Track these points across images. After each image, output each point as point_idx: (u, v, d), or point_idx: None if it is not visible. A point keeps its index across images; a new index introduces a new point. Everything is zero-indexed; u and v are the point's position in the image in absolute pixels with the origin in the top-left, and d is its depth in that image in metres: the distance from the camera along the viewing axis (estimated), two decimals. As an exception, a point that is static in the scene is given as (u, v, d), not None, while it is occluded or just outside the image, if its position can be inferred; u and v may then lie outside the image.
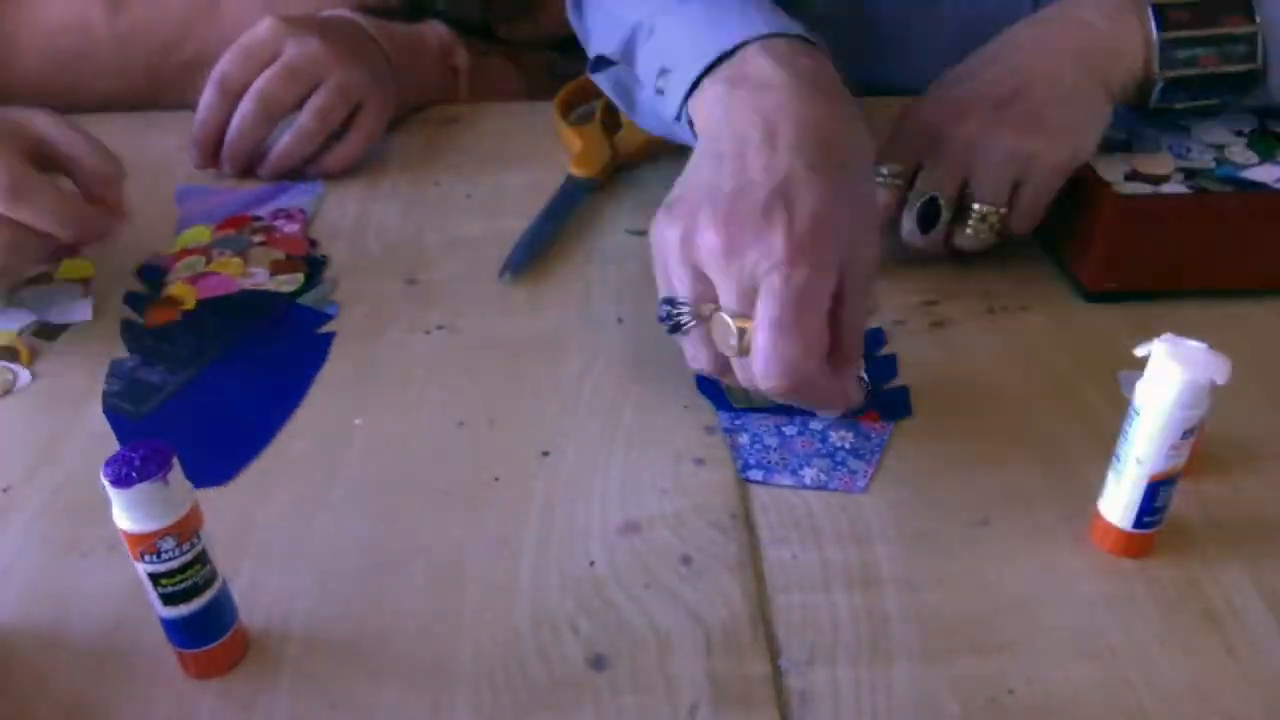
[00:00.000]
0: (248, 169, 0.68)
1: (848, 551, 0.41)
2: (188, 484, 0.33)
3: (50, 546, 0.42)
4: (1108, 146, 0.57)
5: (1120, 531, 0.40)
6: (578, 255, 0.60)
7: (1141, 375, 0.38)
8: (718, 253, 0.41)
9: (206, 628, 0.36)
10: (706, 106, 0.48)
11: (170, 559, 0.33)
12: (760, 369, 0.41)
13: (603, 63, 0.59)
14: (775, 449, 0.46)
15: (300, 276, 0.59)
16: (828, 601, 0.39)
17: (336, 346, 0.53)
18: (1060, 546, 0.41)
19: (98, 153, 0.54)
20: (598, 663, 0.37)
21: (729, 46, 0.48)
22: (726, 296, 0.42)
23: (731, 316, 0.42)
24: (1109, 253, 0.54)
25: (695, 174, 0.45)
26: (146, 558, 0.33)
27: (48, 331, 0.54)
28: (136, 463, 0.32)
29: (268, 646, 0.38)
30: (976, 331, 0.54)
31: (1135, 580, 0.40)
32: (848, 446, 0.46)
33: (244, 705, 0.36)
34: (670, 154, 0.71)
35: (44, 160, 0.52)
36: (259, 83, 0.66)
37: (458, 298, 0.57)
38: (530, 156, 0.71)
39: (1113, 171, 0.55)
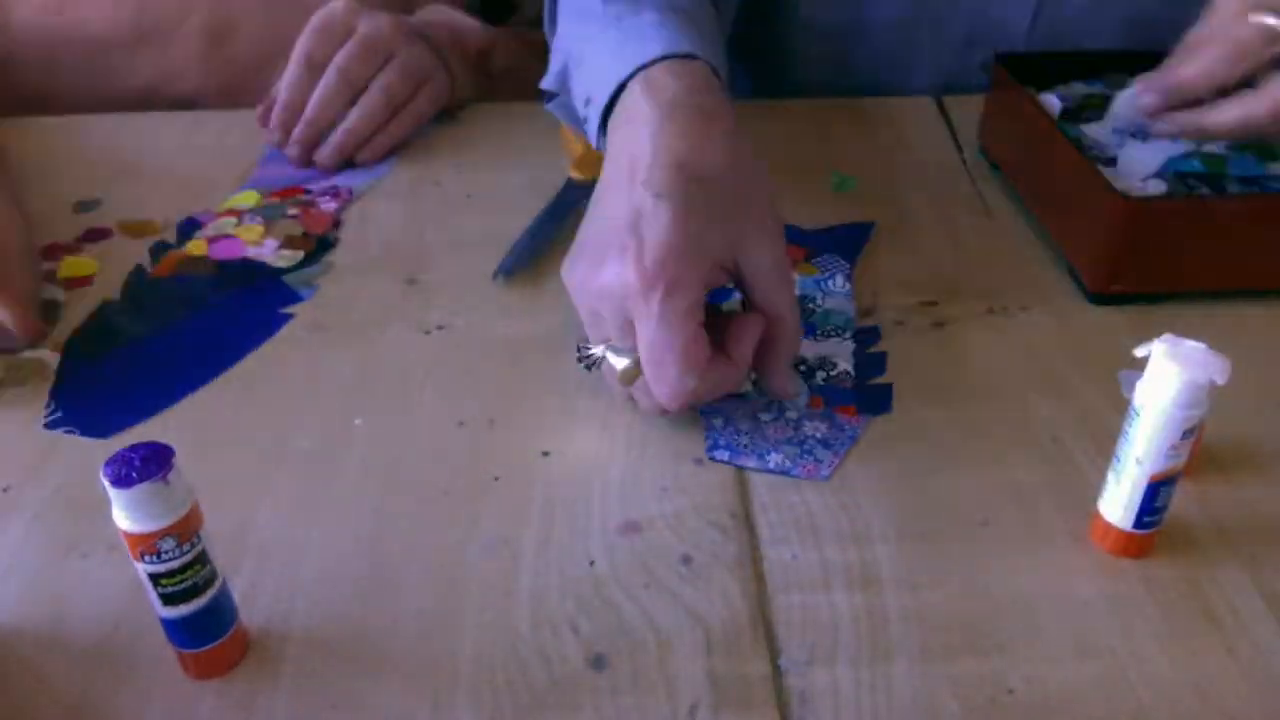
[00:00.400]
0: (312, 149, 0.69)
1: (848, 551, 0.41)
2: (188, 484, 0.33)
3: (50, 546, 0.42)
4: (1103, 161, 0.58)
5: (1120, 531, 0.40)
6: (578, 255, 0.60)
7: (1141, 375, 0.38)
8: (593, 293, 0.44)
9: (206, 628, 0.36)
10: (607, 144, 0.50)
11: (170, 559, 0.33)
12: (656, 395, 0.43)
13: (550, 94, 0.60)
14: (746, 433, 0.47)
15: (300, 255, 0.60)
16: (828, 601, 0.39)
17: (337, 346, 0.53)
18: (1060, 546, 0.41)
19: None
20: (598, 663, 0.37)
21: (624, 78, 0.49)
22: (613, 332, 0.44)
23: (617, 353, 0.45)
24: (1113, 254, 0.54)
25: (586, 218, 0.48)
26: (146, 558, 0.33)
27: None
28: (136, 463, 0.32)
29: (268, 646, 0.38)
30: (976, 331, 0.54)
31: (1135, 580, 0.40)
32: (819, 436, 0.46)
33: (244, 705, 0.36)
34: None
35: None
36: (339, 59, 0.68)
37: (458, 298, 0.57)
38: (530, 156, 0.71)
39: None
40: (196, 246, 0.61)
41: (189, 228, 0.63)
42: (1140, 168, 0.57)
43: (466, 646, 0.38)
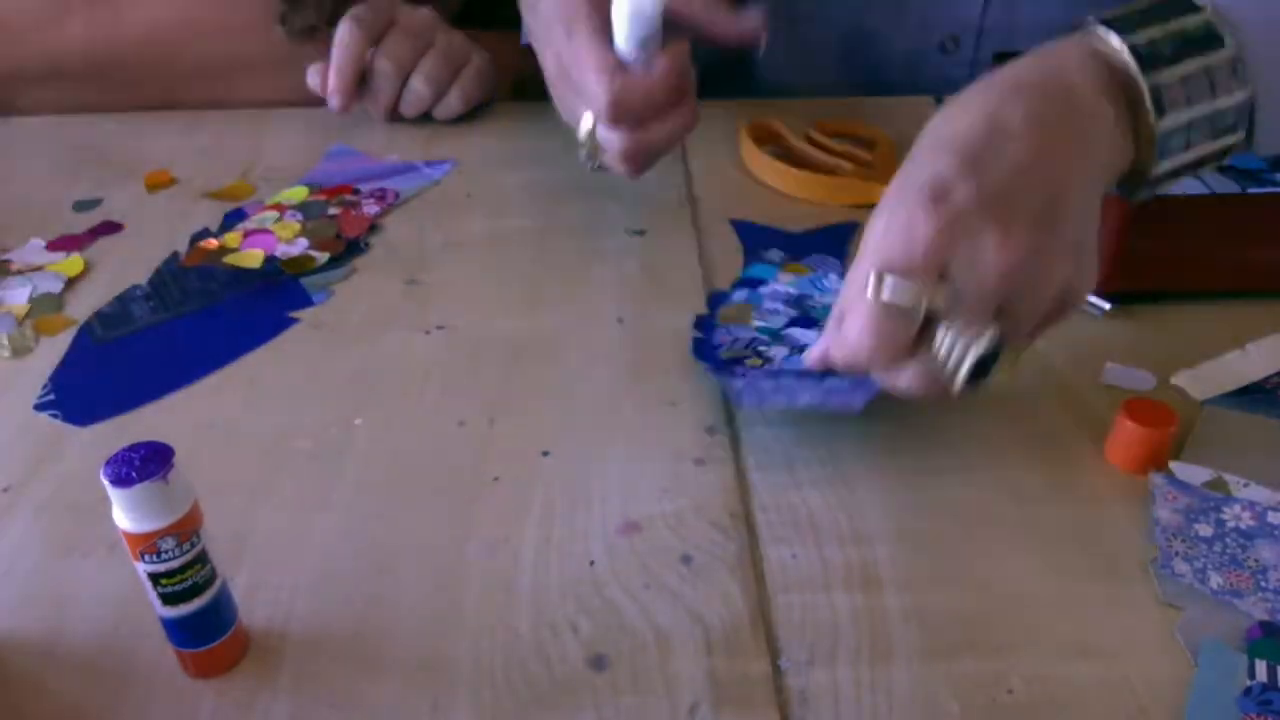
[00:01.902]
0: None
1: (848, 551, 0.41)
2: (188, 483, 0.33)
3: (50, 546, 0.42)
4: None
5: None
6: (578, 255, 0.60)
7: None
8: None
9: (206, 627, 0.36)
10: None
11: (170, 559, 0.33)
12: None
13: None
14: (771, 389, 0.46)
15: (325, 256, 0.60)
16: (828, 601, 0.39)
17: (337, 346, 0.53)
18: (1060, 546, 0.41)
19: None
20: (598, 663, 0.37)
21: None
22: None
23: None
24: (1115, 254, 0.53)
25: None
26: (146, 557, 0.33)
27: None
28: (136, 462, 0.32)
29: (268, 647, 0.38)
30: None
31: (1135, 580, 0.40)
32: (845, 383, 0.45)
33: (244, 705, 0.36)
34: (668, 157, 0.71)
35: None
36: (386, 44, 0.72)
37: (458, 298, 0.57)
38: (530, 156, 0.71)
39: None
40: (233, 239, 0.61)
41: (234, 218, 0.63)
42: None
43: (466, 646, 0.38)
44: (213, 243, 0.61)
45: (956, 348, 0.38)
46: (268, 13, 0.75)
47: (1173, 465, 0.44)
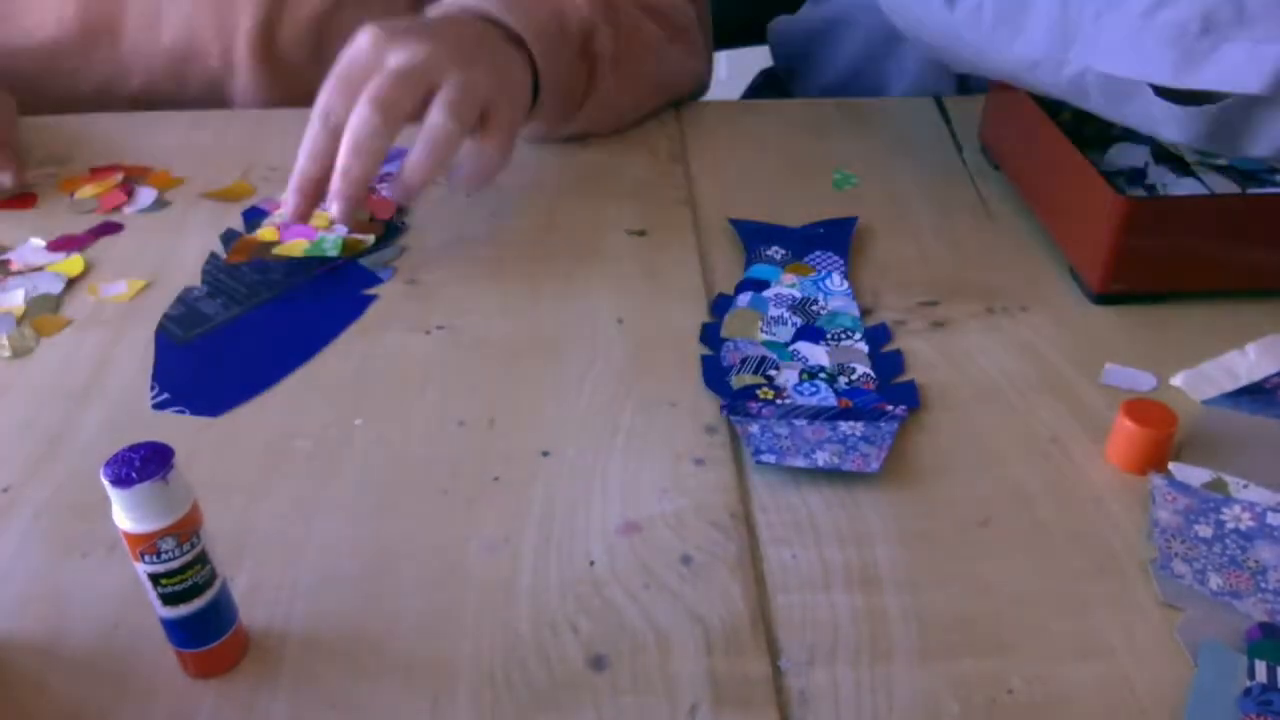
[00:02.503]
0: (356, 203, 0.56)
1: (848, 551, 0.41)
2: (188, 484, 0.33)
3: (50, 547, 0.42)
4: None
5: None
6: (577, 255, 0.60)
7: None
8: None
9: (207, 627, 0.36)
10: None
11: (170, 559, 0.33)
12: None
13: None
14: (786, 436, 0.46)
15: (371, 238, 0.61)
16: (828, 601, 0.39)
17: (337, 346, 0.53)
18: (1060, 546, 0.41)
19: None
20: (598, 663, 0.37)
21: None
22: None
23: None
24: (1114, 254, 0.53)
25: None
26: (146, 558, 0.33)
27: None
28: (136, 463, 0.32)
29: (268, 647, 0.38)
30: (976, 331, 0.54)
31: (1135, 580, 0.40)
32: (858, 434, 0.46)
33: (244, 705, 0.36)
34: (668, 157, 0.71)
35: None
36: (370, 89, 0.54)
37: (458, 298, 0.57)
38: (530, 156, 0.71)
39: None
40: (268, 233, 0.62)
41: (255, 216, 0.64)
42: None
43: (466, 646, 0.38)
44: (253, 238, 0.61)
45: None
46: None
47: (1172, 466, 0.44)
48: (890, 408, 0.48)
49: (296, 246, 0.61)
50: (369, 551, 0.41)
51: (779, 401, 0.48)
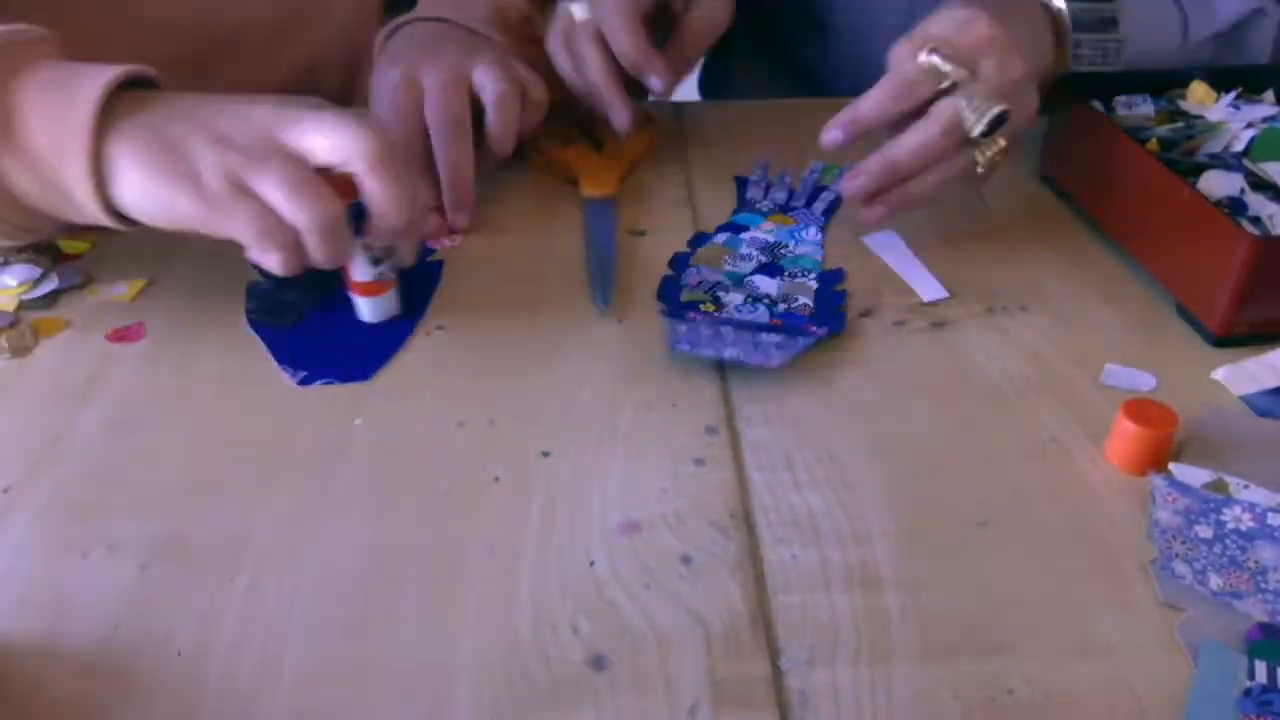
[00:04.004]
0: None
1: (848, 551, 0.41)
2: None
3: (50, 546, 0.42)
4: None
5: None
6: (577, 255, 0.60)
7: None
8: None
9: None
10: None
11: None
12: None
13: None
14: (708, 336, 0.50)
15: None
16: (828, 601, 0.39)
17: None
18: (1060, 546, 0.41)
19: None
20: (598, 663, 0.37)
21: None
22: None
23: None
24: (1242, 297, 0.50)
25: None
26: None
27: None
28: None
29: (268, 646, 0.37)
30: (976, 331, 0.54)
31: (1135, 580, 0.40)
32: (775, 342, 0.50)
33: (244, 706, 0.36)
34: (668, 157, 0.71)
35: None
36: (433, 114, 0.60)
37: (458, 298, 0.57)
38: (528, 155, 0.71)
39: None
40: None
41: None
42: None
43: (466, 646, 0.38)
44: None
45: (978, 107, 0.54)
46: None
47: (1172, 466, 0.44)
48: (814, 329, 0.51)
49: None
50: (369, 551, 0.41)
51: (716, 314, 0.53)
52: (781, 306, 0.54)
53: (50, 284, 0.57)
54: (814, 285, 0.56)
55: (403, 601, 0.39)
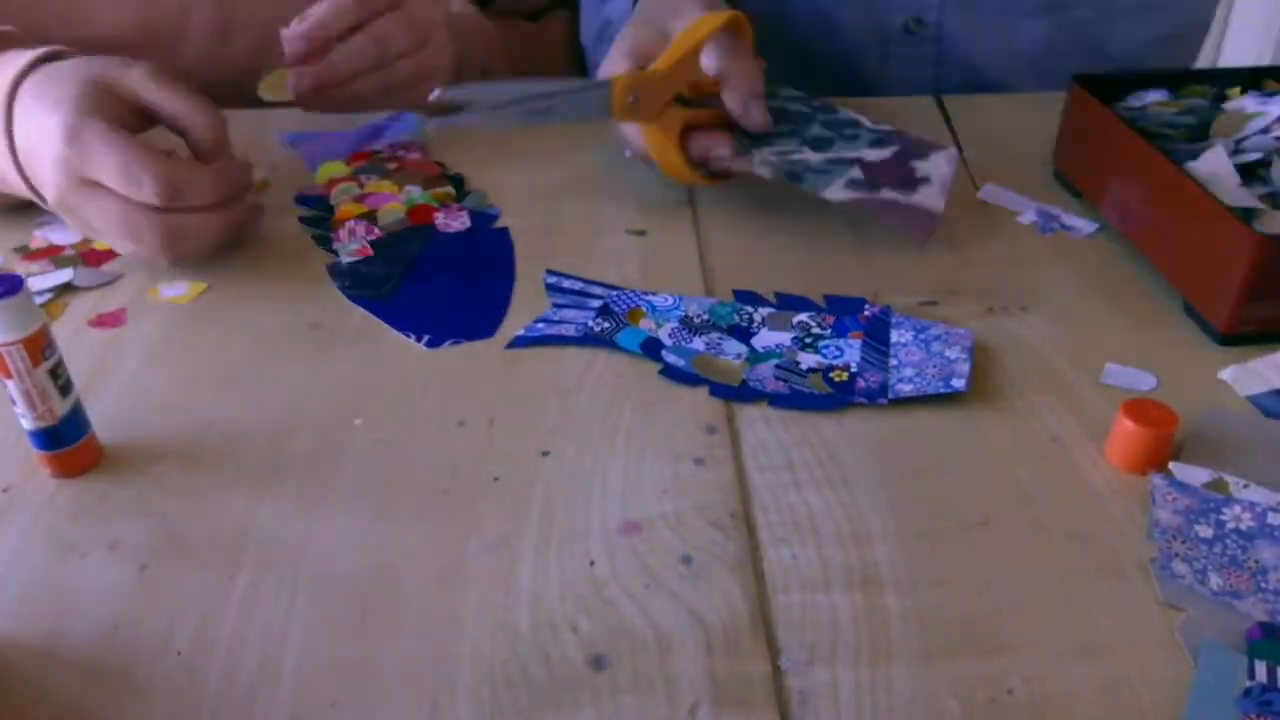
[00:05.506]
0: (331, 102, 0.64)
1: (848, 551, 0.41)
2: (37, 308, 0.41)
3: (50, 546, 0.42)
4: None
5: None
6: (577, 255, 0.60)
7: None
8: None
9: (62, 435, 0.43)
10: None
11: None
12: None
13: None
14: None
15: (451, 189, 0.66)
16: (828, 601, 0.39)
17: (337, 346, 0.53)
18: (1060, 546, 0.41)
19: (203, 112, 0.55)
20: (598, 663, 0.37)
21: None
22: None
23: None
24: (1248, 295, 0.50)
25: None
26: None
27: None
28: None
29: (268, 646, 0.38)
30: (976, 331, 0.54)
31: (1135, 580, 0.40)
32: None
33: (244, 705, 0.36)
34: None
35: (140, 119, 0.55)
36: (379, 23, 0.63)
37: (458, 298, 0.57)
38: (530, 157, 0.71)
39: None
40: (353, 208, 0.64)
41: (313, 201, 0.65)
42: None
43: (466, 646, 0.38)
44: (344, 212, 0.64)
45: None
46: None
47: (1172, 466, 0.44)
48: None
49: (396, 209, 0.64)
50: (369, 551, 0.41)
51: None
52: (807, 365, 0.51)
53: (61, 277, 0.58)
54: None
55: (402, 601, 0.39)
